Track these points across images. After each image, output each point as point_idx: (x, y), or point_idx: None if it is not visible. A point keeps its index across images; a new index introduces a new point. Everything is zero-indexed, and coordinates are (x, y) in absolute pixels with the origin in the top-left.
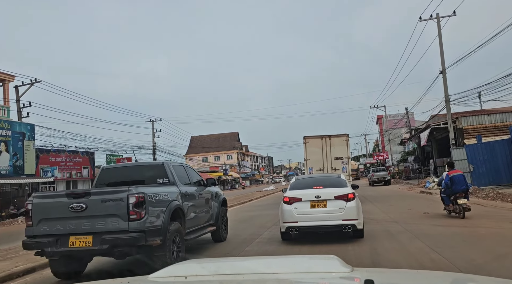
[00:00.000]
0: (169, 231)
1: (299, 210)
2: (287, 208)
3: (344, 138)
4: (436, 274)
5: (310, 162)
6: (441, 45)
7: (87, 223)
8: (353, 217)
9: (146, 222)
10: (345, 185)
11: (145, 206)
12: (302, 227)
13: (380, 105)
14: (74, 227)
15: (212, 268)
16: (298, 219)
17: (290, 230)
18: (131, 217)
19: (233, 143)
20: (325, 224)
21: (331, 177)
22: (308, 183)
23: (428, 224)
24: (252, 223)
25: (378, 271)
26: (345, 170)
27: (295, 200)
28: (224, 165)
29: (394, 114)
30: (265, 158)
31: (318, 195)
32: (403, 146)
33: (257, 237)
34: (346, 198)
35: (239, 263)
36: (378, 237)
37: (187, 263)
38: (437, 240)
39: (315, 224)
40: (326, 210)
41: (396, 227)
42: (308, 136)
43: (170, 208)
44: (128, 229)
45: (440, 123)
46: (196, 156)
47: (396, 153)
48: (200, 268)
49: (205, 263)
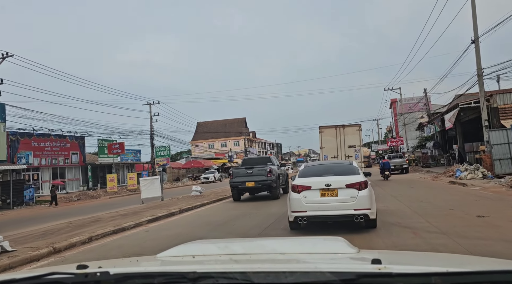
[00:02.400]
0: (277, 182)
1: (308, 198)
2: (295, 196)
3: (357, 128)
4: (445, 256)
5: (325, 150)
6: (473, 7)
7: (252, 177)
8: (366, 206)
9: (271, 178)
10: (357, 173)
11: (271, 172)
12: (311, 217)
13: (395, 88)
14: (248, 178)
15: (219, 248)
16: (307, 208)
17: (299, 220)
18: (267, 176)
19: (240, 128)
20: (336, 214)
21: (342, 164)
22: (318, 170)
23: (500, 240)
24: (228, 231)
25: (385, 252)
26: (358, 157)
27: (304, 188)
28: (230, 152)
29: (409, 98)
30: (273, 145)
31: (328, 183)
32: (421, 130)
33: None
34: (358, 186)
35: (246, 243)
36: None
37: (195, 243)
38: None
39: (325, 214)
40: (336, 199)
41: (452, 246)
42: (323, 126)
43: (277, 174)
44: (266, 179)
45: (471, 102)
46: (202, 142)
47: (411, 139)
48: (208, 248)
49: (212, 243)
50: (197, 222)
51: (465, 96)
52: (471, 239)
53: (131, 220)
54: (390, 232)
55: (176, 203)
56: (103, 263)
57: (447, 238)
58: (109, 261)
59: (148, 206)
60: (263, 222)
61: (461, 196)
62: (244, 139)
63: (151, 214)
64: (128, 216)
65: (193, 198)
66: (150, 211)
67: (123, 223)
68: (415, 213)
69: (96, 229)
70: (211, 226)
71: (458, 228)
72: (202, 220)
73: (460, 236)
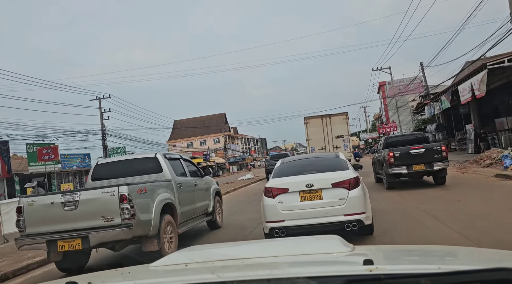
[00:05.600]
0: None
1: (285, 204)
2: (269, 202)
3: (343, 117)
4: (437, 248)
5: (312, 142)
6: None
7: None
8: (359, 210)
9: None
10: (346, 167)
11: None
12: (290, 227)
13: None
14: None
15: (210, 254)
16: (285, 216)
17: (275, 232)
18: None
19: (220, 125)
20: (321, 222)
21: (327, 157)
22: (297, 166)
23: None
24: None
25: (380, 250)
26: (346, 148)
27: (279, 191)
28: (208, 150)
29: (398, 80)
30: (257, 140)
31: (309, 182)
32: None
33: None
34: (347, 184)
35: (238, 248)
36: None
37: (188, 250)
38: None
39: (307, 223)
40: (321, 202)
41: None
42: (309, 117)
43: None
44: None
45: (505, 59)
46: (180, 141)
47: (404, 124)
48: (199, 255)
49: (206, 249)
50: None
51: (481, 61)
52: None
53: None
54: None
55: None
56: (93, 278)
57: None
58: (100, 274)
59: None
60: None
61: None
62: (224, 135)
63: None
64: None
65: None
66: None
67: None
68: None
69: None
70: None
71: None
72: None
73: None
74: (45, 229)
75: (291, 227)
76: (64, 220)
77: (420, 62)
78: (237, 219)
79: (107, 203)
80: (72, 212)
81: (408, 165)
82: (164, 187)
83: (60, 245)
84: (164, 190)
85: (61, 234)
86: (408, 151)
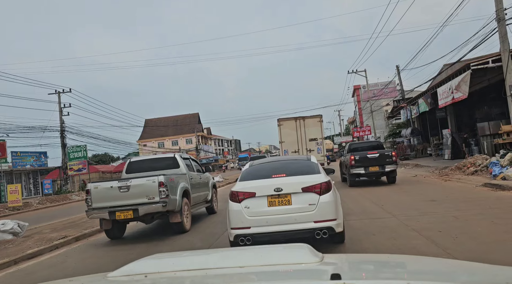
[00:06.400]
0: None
1: (252, 209)
2: (235, 207)
3: (317, 119)
4: (407, 259)
5: (285, 144)
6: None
7: None
8: (330, 216)
9: None
10: (317, 171)
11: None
12: (257, 235)
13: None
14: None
15: (173, 264)
16: (251, 222)
17: (240, 240)
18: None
19: (193, 125)
20: (290, 229)
21: (298, 160)
22: (266, 169)
23: None
24: None
25: (348, 260)
26: (320, 151)
27: (246, 196)
28: (179, 150)
29: (373, 83)
30: (231, 141)
31: (278, 187)
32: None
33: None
34: (318, 189)
35: (202, 257)
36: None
37: (148, 259)
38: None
39: (275, 230)
40: (290, 208)
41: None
42: (282, 119)
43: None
44: None
45: (488, 60)
46: (151, 141)
47: (378, 128)
48: (161, 264)
49: (167, 258)
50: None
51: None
52: None
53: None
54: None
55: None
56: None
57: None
58: (57, 282)
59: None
60: None
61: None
62: (196, 136)
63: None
64: None
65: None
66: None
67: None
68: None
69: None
70: None
71: None
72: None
73: None
74: (106, 204)
75: (258, 234)
76: (120, 198)
77: (396, 65)
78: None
79: (150, 187)
80: (125, 193)
81: (366, 167)
82: (182, 178)
83: (118, 214)
84: (182, 180)
85: (117, 208)
86: (366, 155)
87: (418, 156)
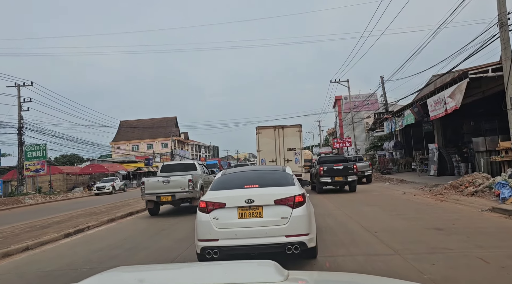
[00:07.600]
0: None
1: (221, 221)
2: (203, 218)
3: (297, 129)
4: (376, 280)
5: (263, 153)
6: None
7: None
8: (302, 231)
9: None
10: (291, 183)
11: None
12: (225, 248)
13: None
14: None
15: (138, 279)
16: (220, 235)
17: (207, 252)
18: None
19: (170, 128)
20: (260, 243)
21: (272, 170)
22: (239, 179)
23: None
24: None
25: (314, 278)
26: (298, 161)
27: (215, 206)
28: (153, 154)
29: (355, 95)
30: (209, 147)
31: (250, 198)
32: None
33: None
34: (291, 202)
35: (165, 272)
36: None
37: (113, 271)
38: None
39: (245, 243)
40: (261, 221)
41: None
42: (261, 127)
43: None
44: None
45: (488, 68)
46: (125, 143)
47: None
48: (126, 278)
49: (132, 272)
50: None
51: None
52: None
53: None
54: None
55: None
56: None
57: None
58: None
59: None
60: None
61: None
62: (172, 140)
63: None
64: None
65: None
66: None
67: None
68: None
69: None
70: None
71: None
72: None
73: None
74: (154, 191)
75: (225, 247)
76: (163, 188)
77: (381, 76)
78: None
79: (183, 181)
80: (167, 185)
81: (332, 176)
82: (199, 177)
83: (162, 198)
84: (200, 178)
85: (162, 194)
86: (333, 166)
87: (401, 171)
